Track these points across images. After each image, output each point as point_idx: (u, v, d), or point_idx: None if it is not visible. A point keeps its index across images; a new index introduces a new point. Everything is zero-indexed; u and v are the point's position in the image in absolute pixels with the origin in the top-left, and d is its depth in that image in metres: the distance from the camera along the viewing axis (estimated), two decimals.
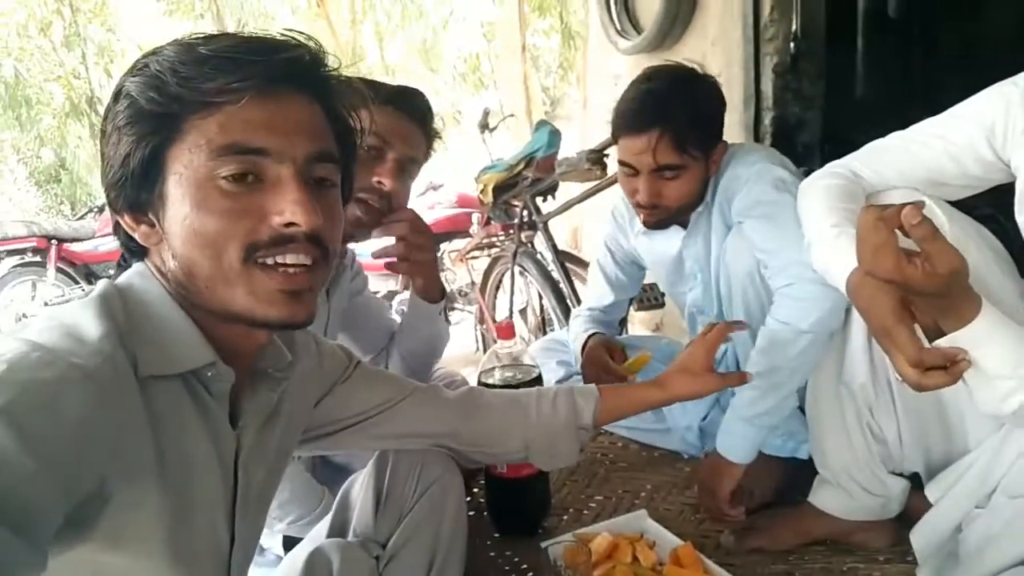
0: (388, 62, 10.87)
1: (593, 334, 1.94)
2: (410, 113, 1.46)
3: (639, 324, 3.46)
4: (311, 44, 0.84)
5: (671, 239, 1.80)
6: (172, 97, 0.76)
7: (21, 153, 11.88)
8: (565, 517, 1.67)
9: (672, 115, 1.54)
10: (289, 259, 0.80)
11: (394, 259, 1.53)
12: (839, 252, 1.14)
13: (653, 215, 1.67)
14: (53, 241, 6.28)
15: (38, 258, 6.28)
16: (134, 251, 0.85)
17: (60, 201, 12.00)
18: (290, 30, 0.84)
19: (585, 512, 1.69)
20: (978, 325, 0.93)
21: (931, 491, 1.29)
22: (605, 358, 1.81)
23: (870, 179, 1.24)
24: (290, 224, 0.78)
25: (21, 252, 6.24)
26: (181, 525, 0.78)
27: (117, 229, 0.85)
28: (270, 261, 0.79)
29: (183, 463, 0.79)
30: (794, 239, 1.33)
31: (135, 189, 0.79)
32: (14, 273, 6.18)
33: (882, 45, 2.63)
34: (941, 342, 0.96)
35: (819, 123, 2.64)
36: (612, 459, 1.93)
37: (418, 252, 1.53)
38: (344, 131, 0.90)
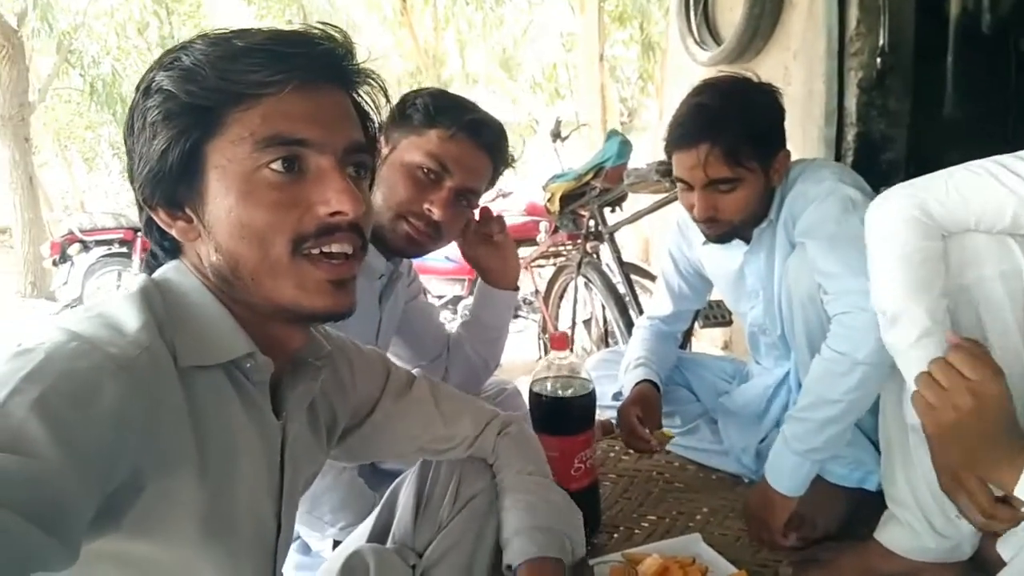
0: (469, 70, 10.97)
1: (641, 382, 1.87)
2: (479, 142, 1.42)
3: (707, 341, 3.39)
4: (341, 36, 0.84)
5: (733, 254, 1.75)
6: (212, 90, 0.75)
7: (116, 148, 12.42)
8: (615, 535, 1.63)
9: (722, 128, 1.50)
10: (335, 248, 0.80)
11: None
12: (912, 358, 1.12)
13: (712, 229, 1.62)
14: (139, 233, 6.54)
15: (124, 249, 6.57)
16: (168, 250, 0.85)
17: None
18: (323, 23, 0.84)
19: (636, 532, 1.64)
20: None
21: (1003, 548, 1.19)
22: (635, 424, 1.75)
23: (943, 220, 1.15)
24: (335, 213, 0.78)
25: (109, 243, 6.54)
26: (219, 514, 0.78)
27: (150, 227, 0.84)
28: (316, 251, 0.79)
29: (226, 453, 0.79)
30: (856, 265, 1.28)
31: (173, 184, 0.78)
32: (101, 263, 6.47)
33: (974, 62, 2.51)
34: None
35: (905, 141, 2.55)
36: (668, 478, 1.88)
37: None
38: (369, 122, 0.90)
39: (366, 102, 0.90)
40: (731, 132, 1.50)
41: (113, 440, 0.64)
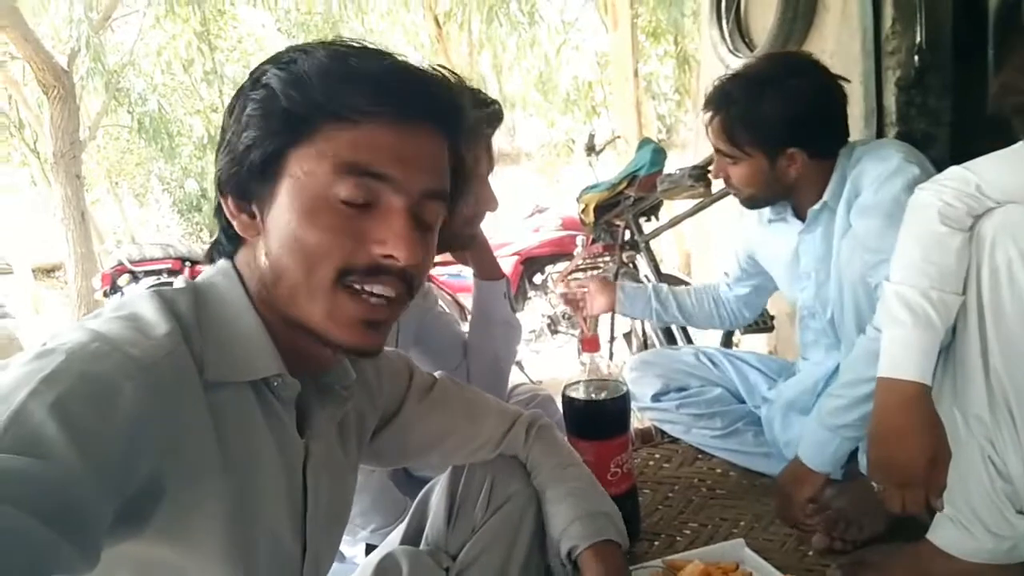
0: (506, 92, 11.01)
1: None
2: (496, 127, 1.46)
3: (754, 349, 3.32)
4: (456, 81, 0.85)
5: (788, 235, 1.74)
6: (313, 102, 0.75)
7: (165, 183, 12.72)
8: (656, 543, 1.59)
9: (724, 105, 1.59)
10: (377, 289, 0.79)
11: None
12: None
13: (733, 193, 1.74)
14: (187, 263, 6.69)
15: (173, 279, 6.69)
16: (230, 237, 0.85)
17: (200, 228, 12.68)
18: (442, 67, 0.84)
19: (678, 539, 1.60)
20: None
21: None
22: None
23: (993, 193, 1.15)
24: (388, 256, 0.77)
25: (158, 273, 6.68)
26: (242, 528, 0.78)
27: (219, 212, 0.84)
28: (358, 286, 0.78)
29: (248, 466, 0.79)
30: None
31: (248, 178, 0.79)
32: None
33: (1015, 57, 2.45)
34: None
35: (947, 140, 2.49)
36: (710, 485, 1.84)
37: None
38: (461, 169, 0.89)
39: (465, 149, 0.89)
40: (731, 112, 1.58)
41: (131, 444, 0.64)
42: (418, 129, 0.79)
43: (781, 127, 1.56)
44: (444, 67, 0.84)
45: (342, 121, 0.76)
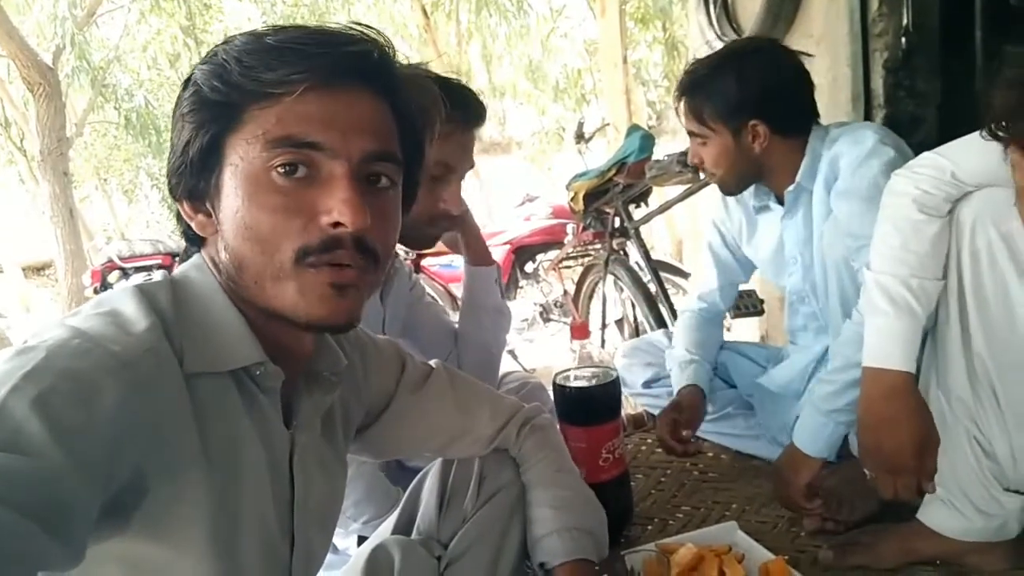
0: (495, 82, 10.97)
1: (688, 386, 1.83)
2: (471, 123, 1.41)
3: (745, 335, 3.33)
4: (380, 39, 0.82)
5: (773, 223, 1.75)
6: (233, 86, 0.75)
7: (154, 179, 12.63)
8: (649, 527, 1.60)
9: (691, 86, 1.65)
10: (336, 260, 0.77)
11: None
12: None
13: (709, 178, 1.79)
14: (176, 259, 6.67)
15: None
16: (192, 239, 0.84)
17: None
18: (358, 23, 0.82)
19: (671, 523, 1.61)
20: None
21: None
22: (668, 433, 1.73)
23: (967, 179, 1.16)
24: (337, 224, 0.75)
25: (148, 269, 6.64)
26: (226, 521, 0.77)
27: (179, 217, 0.84)
28: (318, 263, 0.77)
29: (231, 459, 0.78)
30: None
31: (194, 177, 0.78)
32: None
33: (1004, 37, 2.45)
34: None
35: (935, 122, 2.49)
36: (702, 469, 1.85)
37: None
38: (411, 131, 0.87)
39: (417, 111, 0.87)
40: (697, 91, 1.65)
41: (114, 439, 0.64)
42: (346, 92, 0.78)
43: (740, 98, 1.60)
44: (364, 24, 0.82)
45: (266, 99, 0.75)
